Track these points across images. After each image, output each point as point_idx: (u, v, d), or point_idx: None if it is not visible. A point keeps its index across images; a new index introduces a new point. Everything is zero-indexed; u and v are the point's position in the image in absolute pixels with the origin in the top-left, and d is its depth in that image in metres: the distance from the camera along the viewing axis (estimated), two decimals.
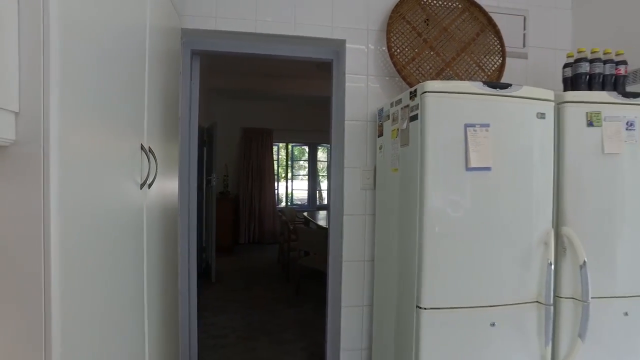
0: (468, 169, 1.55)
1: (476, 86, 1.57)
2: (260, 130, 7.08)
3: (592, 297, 1.58)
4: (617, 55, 1.84)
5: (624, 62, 1.84)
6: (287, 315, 3.57)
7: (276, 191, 7.54)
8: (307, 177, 8.12)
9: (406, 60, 2.06)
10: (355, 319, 2.11)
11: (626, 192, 1.69)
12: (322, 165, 8.33)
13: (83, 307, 0.87)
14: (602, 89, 1.80)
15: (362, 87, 2.12)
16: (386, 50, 2.05)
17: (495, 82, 1.60)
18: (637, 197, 1.71)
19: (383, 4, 2.12)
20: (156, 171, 1.32)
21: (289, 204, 7.94)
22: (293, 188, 8.14)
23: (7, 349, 0.70)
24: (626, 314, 1.69)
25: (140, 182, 1.22)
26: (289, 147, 8.02)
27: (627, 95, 1.71)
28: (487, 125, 1.56)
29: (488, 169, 1.56)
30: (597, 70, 1.80)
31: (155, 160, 1.32)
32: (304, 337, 3.07)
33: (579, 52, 1.84)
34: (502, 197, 1.58)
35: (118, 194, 1.06)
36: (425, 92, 1.55)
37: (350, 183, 2.12)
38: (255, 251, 6.51)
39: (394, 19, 2.08)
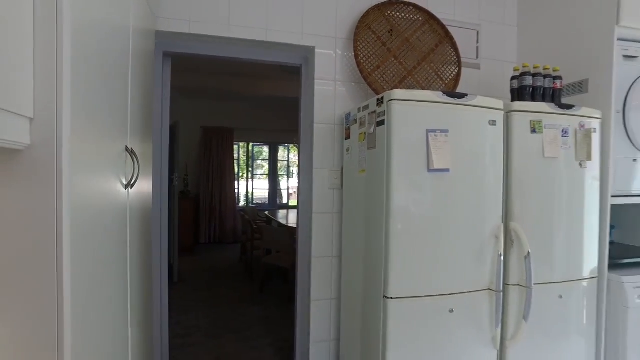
0: (430, 170, 1.70)
1: (437, 95, 1.73)
2: (220, 130, 7.03)
3: (534, 284, 1.79)
4: (554, 71, 2.08)
5: (560, 77, 2.08)
6: (252, 312, 3.62)
7: (236, 190, 7.51)
8: (267, 176, 8.15)
9: (372, 67, 2.20)
10: (324, 312, 2.22)
11: (562, 191, 1.93)
12: (282, 165, 8.39)
13: (88, 305, 0.91)
14: (543, 100, 2.02)
15: (330, 91, 2.24)
16: (353, 58, 2.18)
17: (454, 92, 1.77)
18: (571, 195, 1.95)
19: (350, 14, 2.24)
20: (139, 172, 1.36)
21: (249, 203, 7.93)
22: (254, 187, 8.14)
23: (22, 335, 0.74)
24: (561, 297, 1.92)
25: (125, 182, 1.25)
26: (250, 146, 8.01)
27: (562, 106, 1.94)
28: (447, 131, 1.73)
29: (447, 170, 1.73)
30: (539, 84, 2.03)
31: (138, 161, 1.36)
32: (270, 334, 3.14)
33: (524, 66, 2.05)
34: (459, 196, 1.75)
35: (109, 195, 1.10)
36: (392, 99, 1.68)
37: (319, 183, 2.22)
38: (216, 251, 6.46)
39: (361, 28, 2.21)
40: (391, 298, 1.66)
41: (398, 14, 2.31)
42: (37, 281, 0.75)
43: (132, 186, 1.32)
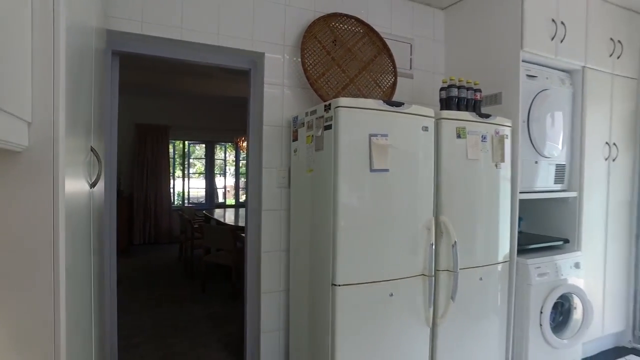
0: (372, 170, 1.91)
1: (378, 104, 1.93)
2: (155, 127, 6.79)
3: (460, 268, 2.07)
4: (475, 84, 2.39)
5: (480, 90, 2.40)
6: (196, 311, 3.63)
7: (172, 190, 7.31)
8: (204, 175, 8.02)
9: (317, 74, 2.36)
10: (273, 303, 2.34)
11: (482, 188, 2.24)
12: (218, 164, 8.30)
13: (74, 301, 0.96)
14: (466, 109, 2.32)
15: (278, 95, 2.36)
16: (301, 65, 2.32)
17: (393, 101, 1.98)
18: (489, 192, 2.27)
19: (298, 23, 2.38)
20: (101, 171, 1.39)
21: (185, 202, 7.75)
22: (189, 186, 7.96)
23: (22, 328, 0.79)
24: (481, 279, 2.24)
25: (90, 182, 1.29)
26: (186, 144, 7.82)
27: (481, 115, 2.25)
28: (386, 135, 1.94)
29: (387, 170, 1.94)
30: (463, 95, 2.33)
31: (100, 160, 1.38)
32: (216, 330, 3.19)
33: (451, 79, 2.34)
34: (397, 193, 1.97)
35: (81, 195, 1.14)
36: (339, 106, 1.86)
37: (268, 182, 2.34)
38: (152, 251, 6.26)
39: (307, 38, 2.36)
40: (339, 285, 1.84)
41: (341, 25, 2.50)
42: (36, 272, 0.80)
43: (94, 185, 1.35)
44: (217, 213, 5.74)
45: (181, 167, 7.80)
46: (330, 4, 2.49)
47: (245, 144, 5.47)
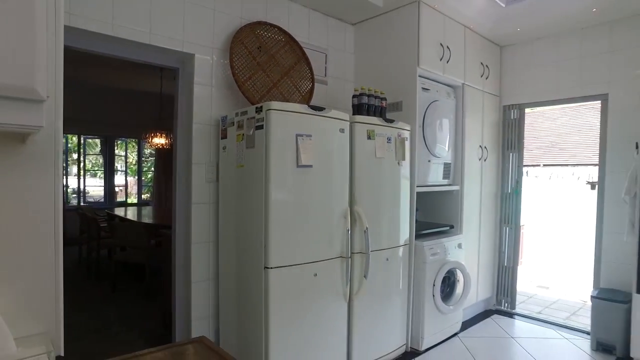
0: (298, 166, 2.17)
1: (304, 108, 2.20)
2: None
3: (371, 251, 2.45)
4: (381, 93, 2.80)
5: (385, 98, 2.82)
6: (109, 311, 3.52)
7: (65, 188, 6.71)
8: (103, 172, 7.50)
9: (245, 78, 2.55)
10: (203, 291, 2.47)
11: (387, 183, 2.65)
12: (119, 160, 7.83)
13: None
14: (374, 115, 2.71)
15: (207, 95, 2.49)
16: (229, 68, 2.48)
17: (316, 106, 2.27)
18: (393, 186, 2.70)
19: (227, 29, 2.54)
20: None
21: (82, 201, 7.16)
22: (85, 184, 7.38)
23: (22, 287, 0.89)
24: (387, 259, 2.65)
25: None
26: (81, 139, 7.23)
27: (387, 120, 2.67)
28: (310, 136, 2.22)
29: (310, 166, 2.22)
30: (372, 102, 2.72)
31: None
32: (134, 327, 3.16)
33: (362, 89, 2.71)
34: (319, 186, 2.27)
35: None
36: (270, 109, 2.09)
37: (197, 176, 2.46)
38: None
39: (235, 43, 2.53)
40: (271, 268, 2.07)
41: (266, 33, 2.71)
42: (41, 240, 0.91)
43: None
44: (121, 211, 5.49)
45: (76, 164, 7.19)
46: (256, 13, 2.70)
47: (155, 140, 5.33)
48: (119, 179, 7.85)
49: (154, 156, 7.59)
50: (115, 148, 7.67)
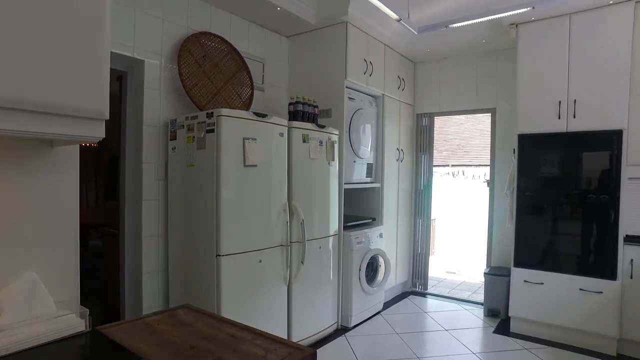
0: (245, 165, 2.52)
1: (249, 115, 2.56)
2: None
3: (307, 240, 2.87)
4: (313, 101, 3.24)
5: (317, 106, 3.26)
6: None
7: None
8: None
9: (192, 84, 2.83)
10: (153, 282, 2.70)
11: (320, 180, 3.10)
12: None
13: None
14: (308, 121, 3.15)
15: (156, 99, 2.73)
16: (177, 74, 2.75)
17: (259, 112, 2.63)
18: (324, 183, 3.15)
19: (174, 37, 2.80)
20: None
21: None
22: None
23: (54, 267, 1.15)
24: (320, 247, 3.10)
25: None
26: None
27: (319, 126, 3.12)
28: (255, 139, 2.58)
29: (255, 166, 2.59)
30: (306, 110, 3.15)
31: None
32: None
33: (297, 97, 3.13)
34: (262, 183, 2.64)
35: None
36: (220, 115, 2.41)
37: (147, 175, 2.69)
38: None
39: (183, 51, 2.80)
40: (223, 255, 2.40)
41: (210, 42, 3.01)
42: (65, 226, 1.18)
43: None
44: None
45: None
46: (202, 24, 2.98)
47: None
48: None
49: None
50: None
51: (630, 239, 2.92)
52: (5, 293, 1.06)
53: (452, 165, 8.19)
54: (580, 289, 3.06)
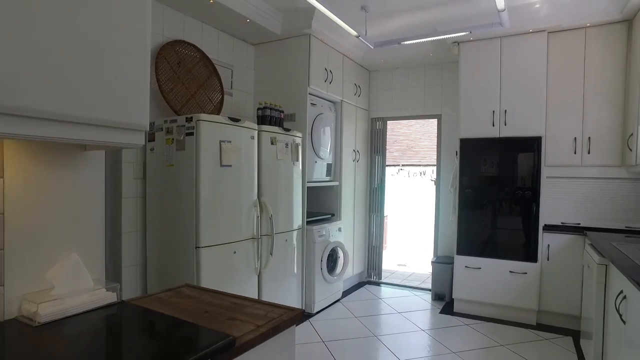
0: (221, 165, 2.82)
1: (225, 119, 2.86)
2: None
3: (275, 233, 3.21)
4: (279, 107, 3.58)
5: (282, 111, 3.61)
6: None
7: None
8: None
9: (168, 89, 3.07)
10: (132, 276, 2.93)
11: (286, 179, 3.45)
12: None
13: None
14: (275, 124, 3.48)
15: None
16: (155, 80, 2.98)
17: (234, 117, 2.93)
18: (289, 182, 3.50)
19: (151, 45, 3.02)
20: None
21: None
22: None
23: (87, 250, 1.42)
24: (286, 240, 3.45)
25: None
26: None
27: (285, 129, 3.46)
28: (230, 141, 2.88)
29: (230, 166, 2.89)
30: (273, 114, 3.48)
31: None
32: None
33: (265, 103, 3.46)
34: (236, 181, 2.94)
35: None
36: (200, 119, 2.70)
37: (126, 174, 2.91)
38: None
39: (159, 58, 3.04)
40: (202, 247, 2.68)
41: (184, 50, 3.26)
42: (95, 219, 1.46)
43: None
44: None
45: None
46: (176, 32, 3.22)
47: None
48: None
49: None
50: None
51: (548, 228, 3.54)
52: (55, 270, 1.32)
53: (403, 165, 8.82)
54: (510, 272, 3.64)
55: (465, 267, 3.83)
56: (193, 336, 1.18)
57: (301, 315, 1.48)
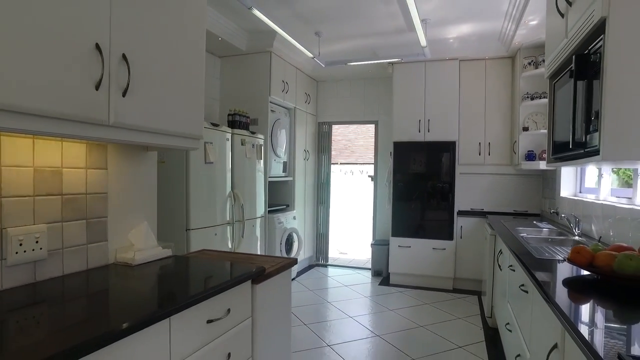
0: (206, 163, 3.51)
1: (208, 124, 3.55)
2: None
3: (245, 219, 3.95)
4: (246, 113, 4.31)
5: (248, 116, 4.34)
6: None
7: None
8: None
9: None
10: None
11: (252, 174, 4.20)
12: None
13: None
14: (244, 128, 4.21)
15: None
16: None
17: (214, 122, 3.62)
18: (255, 177, 4.26)
19: None
20: None
21: None
22: None
23: (149, 220, 2.11)
24: (253, 225, 4.20)
25: None
26: None
27: (251, 132, 4.21)
28: (212, 142, 3.58)
29: (212, 162, 3.59)
30: (241, 120, 4.20)
31: None
32: None
33: (235, 110, 4.17)
34: (216, 176, 3.65)
35: None
36: None
37: None
38: None
39: None
40: (192, 229, 3.36)
41: None
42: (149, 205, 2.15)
43: None
44: None
45: None
46: None
47: None
48: None
49: None
50: None
51: (460, 213, 4.64)
52: (134, 232, 1.98)
53: (341, 163, 9.81)
54: (433, 248, 4.69)
55: (398, 246, 4.83)
56: (238, 268, 1.94)
57: (295, 262, 2.28)
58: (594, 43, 1.57)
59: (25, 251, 1.51)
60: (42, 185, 1.60)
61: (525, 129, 4.14)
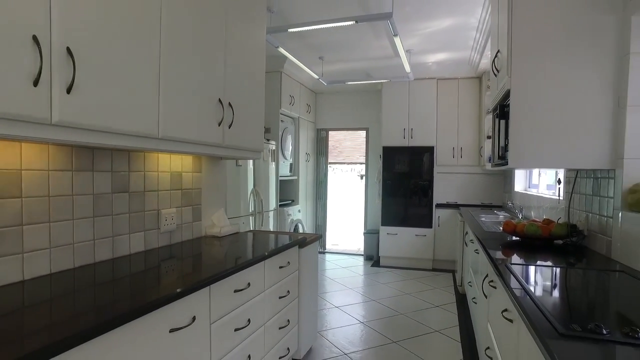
0: (236, 165, 4.52)
1: None
2: None
3: (264, 211, 4.97)
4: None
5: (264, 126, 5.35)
6: None
7: None
8: None
9: None
10: None
11: (267, 174, 5.23)
12: None
13: None
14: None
15: None
16: None
17: None
18: (269, 176, 5.28)
19: None
20: None
21: None
22: None
23: (221, 204, 3.13)
24: (268, 216, 5.22)
25: None
26: None
27: (266, 140, 5.23)
28: None
29: (240, 165, 4.59)
30: None
31: None
32: None
33: None
34: (244, 175, 4.65)
35: None
36: None
37: None
38: None
39: None
40: (228, 218, 4.36)
41: None
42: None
43: None
44: None
45: None
46: None
47: None
48: None
49: None
50: None
51: (438, 205, 5.76)
52: (216, 215, 2.98)
53: (335, 163, 10.89)
54: (416, 235, 5.80)
55: (387, 234, 5.92)
56: (289, 238, 2.97)
57: (320, 237, 3.33)
58: (508, 99, 2.65)
59: (167, 225, 2.52)
60: (174, 183, 2.60)
61: (489, 137, 5.28)
